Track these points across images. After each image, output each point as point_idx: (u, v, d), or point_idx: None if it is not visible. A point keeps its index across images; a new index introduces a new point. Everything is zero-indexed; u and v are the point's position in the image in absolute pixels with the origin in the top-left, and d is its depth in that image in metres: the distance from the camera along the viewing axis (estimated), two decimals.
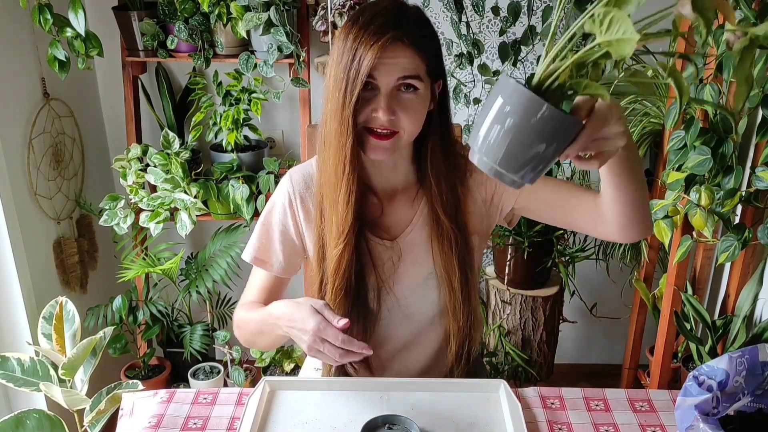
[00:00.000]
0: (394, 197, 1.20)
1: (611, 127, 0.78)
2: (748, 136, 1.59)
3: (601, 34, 0.64)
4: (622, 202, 1.02)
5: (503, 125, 0.71)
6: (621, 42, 0.63)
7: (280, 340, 1.16)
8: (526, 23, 1.85)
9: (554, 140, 0.71)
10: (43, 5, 1.70)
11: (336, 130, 1.07)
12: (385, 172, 1.19)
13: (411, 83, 1.05)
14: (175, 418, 1.11)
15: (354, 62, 1.02)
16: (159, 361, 2.30)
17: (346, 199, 1.10)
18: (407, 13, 1.07)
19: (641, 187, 1.01)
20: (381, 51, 1.00)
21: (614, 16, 0.62)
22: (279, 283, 1.26)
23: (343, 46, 1.05)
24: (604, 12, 0.63)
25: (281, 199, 1.22)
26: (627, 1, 0.62)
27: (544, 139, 0.71)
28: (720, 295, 1.82)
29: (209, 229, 2.35)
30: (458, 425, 1.07)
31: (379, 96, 1.04)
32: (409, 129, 1.08)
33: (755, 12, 1.27)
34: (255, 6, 1.87)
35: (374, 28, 1.02)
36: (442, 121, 1.14)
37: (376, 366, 1.26)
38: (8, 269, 1.80)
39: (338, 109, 1.05)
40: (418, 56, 1.04)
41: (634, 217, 1.04)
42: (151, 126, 2.28)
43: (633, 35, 0.60)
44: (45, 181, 1.97)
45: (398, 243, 1.19)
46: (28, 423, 1.50)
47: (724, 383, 0.96)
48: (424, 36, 1.07)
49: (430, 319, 1.24)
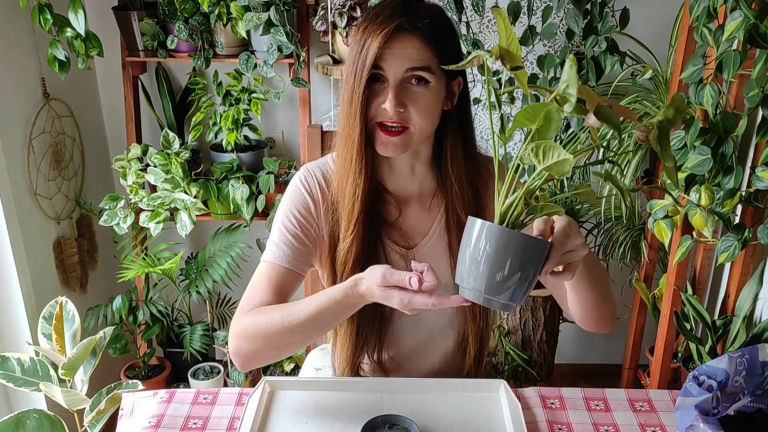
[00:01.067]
0: (410, 203, 1.19)
1: (574, 239, 0.85)
2: (748, 136, 1.59)
3: (540, 163, 0.74)
4: (580, 303, 1.07)
5: (482, 260, 0.79)
6: (559, 164, 0.73)
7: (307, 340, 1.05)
8: (526, 23, 1.85)
9: (530, 262, 0.80)
10: (43, 5, 1.70)
11: (345, 125, 1.07)
12: (402, 176, 1.17)
13: (421, 75, 1.03)
14: (175, 418, 1.11)
15: (361, 53, 1.02)
16: (159, 361, 2.30)
17: (352, 191, 1.09)
18: (420, 5, 1.06)
19: (601, 291, 1.06)
20: (386, 39, 1.00)
21: (545, 146, 0.73)
22: (290, 278, 1.12)
23: (354, 41, 1.05)
24: (536, 145, 0.74)
25: (301, 190, 1.17)
26: (547, 132, 0.73)
27: (522, 264, 0.79)
28: (720, 295, 1.82)
29: (209, 229, 2.35)
30: (458, 425, 1.07)
31: (388, 88, 1.03)
32: (420, 124, 1.05)
33: (755, 12, 1.27)
34: (255, 6, 1.87)
35: (382, 18, 1.02)
36: (462, 121, 1.12)
37: (390, 368, 1.25)
38: (8, 269, 1.80)
39: (348, 103, 1.05)
40: (428, 48, 1.02)
41: (590, 317, 1.10)
42: (151, 126, 2.28)
43: (566, 156, 0.72)
44: (45, 181, 1.97)
45: (414, 252, 1.18)
46: (28, 423, 1.50)
47: (724, 383, 0.96)
48: (437, 29, 1.04)
49: (441, 327, 1.23)
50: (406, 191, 1.19)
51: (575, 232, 0.85)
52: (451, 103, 1.10)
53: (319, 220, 1.17)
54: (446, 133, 1.12)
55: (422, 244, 1.19)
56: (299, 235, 1.14)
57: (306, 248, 1.15)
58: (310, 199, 1.17)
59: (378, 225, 1.15)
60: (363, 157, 1.07)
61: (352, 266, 1.12)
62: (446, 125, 1.11)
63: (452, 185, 1.13)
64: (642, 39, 1.93)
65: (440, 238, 1.19)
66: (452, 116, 1.11)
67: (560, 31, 2.01)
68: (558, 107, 0.73)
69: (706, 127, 1.45)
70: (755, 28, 1.29)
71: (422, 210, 1.19)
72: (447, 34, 1.07)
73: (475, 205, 1.15)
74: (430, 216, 1.19)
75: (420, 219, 1.19)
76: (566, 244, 0.84)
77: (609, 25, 1.72)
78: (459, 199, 1.14)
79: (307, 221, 1.16)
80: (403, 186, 1.18)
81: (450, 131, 1.12)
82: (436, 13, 1.07)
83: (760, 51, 1.33)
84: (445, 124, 1.11)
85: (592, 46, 1.75)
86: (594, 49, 1.76)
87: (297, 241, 1.14)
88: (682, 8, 1.70)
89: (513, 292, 0.80)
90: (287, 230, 1.15)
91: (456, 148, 1.12)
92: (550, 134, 0.74)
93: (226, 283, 2.15)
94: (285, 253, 1.13)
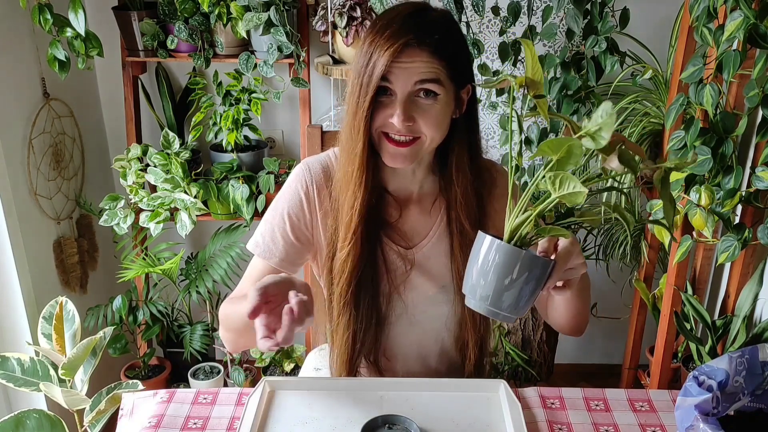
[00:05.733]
0: (409, 203, 1.19)
1: (575, 258, 0.89)
2: (748, 136, 1.59)
3: (555, 191, 0.79)
4: (566, 312, 1.13)
5: (490, 274, 0.85)
6: (573, 195, 0.78)
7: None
8: (526, 23, 1.85)
9: (534, 278, 0.85)
10: (43, 5, 1.70)
11: (349, 136, 1.06)
12: (403, 178, 1.17)
13: (430, 89, 1.02)
14: (175, 418, 1.11)
15: (368, 67, 1.01)
16: (159, 361, 2.30)
17: (351, 203, 1.09)
18: (428, 16, 1.04)
19: (585, 302, 1.14)
20: (394, 55, 0.98)
21: (563, 176, 0.78)
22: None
23: (360, 51, 1.04)
24: (554, 174, 0.78)
25: (297, 187, 1.17)
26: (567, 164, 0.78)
27: (527, 280, 0.84)
28: (720, 295, 1.82)
29: (209, 229, 2.35)
30: (458, 425, 1.07)
31: (396, 101, 1.02)
32: (431, 135, 1.05)
33: (755, 12, 1.27)
34: (255, 6, 1.87)
35: (389, 32, 1.00)
36: (469, 128, 1.11)
37: (385, 368, 1.25)
38: (8, 269, 1.80)
39: (352, 114, 1.04)
40: (437, 60, 1.01)
41: (569, 323, 1.17)
42: (151, 126, 2.28)
43: (582, 189, 0.77)
44: (45, 181, 1.97)
45: (413, 252, 1.18)
46: (28, 423, 1.50)
47: (724, 383, 0.96)
48: (446, 40, 1.03)
49: (437, 330, 1.23)
50: (406, 192, 1.19)
51: (577, 252, 0.90)
52: (459, 111, 1.09)
53: (315, 222, 1.18)
54: (452, 141, 1.10)
55: (421, 245, 1.19)
56: (288, 236, 1.16)
57: (295, 249, 1.17)
58: (305, 200, 1.16)
59: (378, 225, 1.14)
60: (365, 172, 1.07)
61: (348, 275, 1.12)
62: (453, 133, 1.10)
63: (456, 195, 1.13)
64: (642, 39, 1.93)
65: (440, 241, 1.18)
66: (460, 123, 1.10)
67: (560, 31, 2.01)
68: (580, 144, 0.76)
69: (706, 127, 1.45)
70: (755, 28, 1.29)
71: (422, 212, 1.19)
72: (456, 45, 1.06)
73: (478, 212, 1.15)
74: (430, 218, 1.19)
75: (420, 221, 1.19)
76: (568, 262, 0.89)
77: (609, 25, 1.72)
78: (462, 207, 1.13)
79: (300, 222, 1.17)
80: (403, 187, 1.18)
81: (456, 139, 1.10)
82: (445, 24, 1.05)
83: (760, 51, 1.33)
84: (452, 132, 1.09)
85: (592, 46, 1.75)
86: (594, 49, 1.76)
87: (286, 242, 1.16)
88: (682, 8, 1.70)
89: (516, 306, 0.86)
90: (278, 229, 1.16)
91: (462, 157, 1.11)
92: (568, 166, 0.78)
93: (226, 283, 2.15)
94: (273, 253, 1.15)
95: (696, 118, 1.45)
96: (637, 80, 1.80)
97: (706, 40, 1.39)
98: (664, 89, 1.86)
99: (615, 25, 1.75)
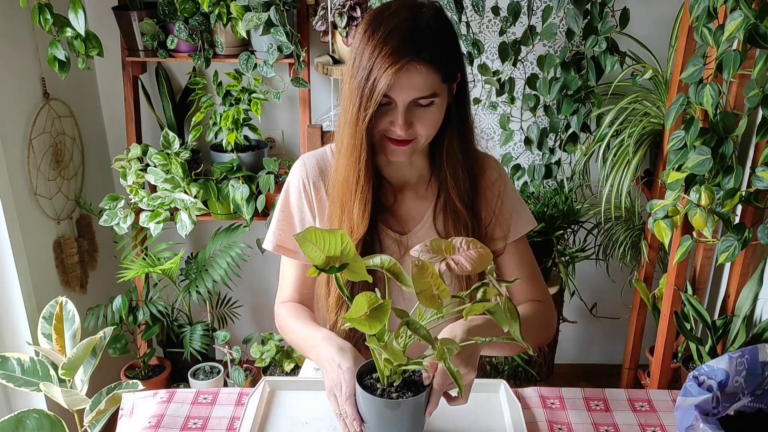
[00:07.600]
0: (405, 189, 1.21)
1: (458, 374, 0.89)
2: (748, 136, 1.59)
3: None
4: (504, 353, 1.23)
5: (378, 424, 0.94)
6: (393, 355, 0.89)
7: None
8: (526, 23, 1.85)
9: (413, 414, 0.94)
10: (43, 5, 1.70)
11: (349, 144, 1.08)
12: (399, 165, 1.19)
13: (428, 102, 1.05)
14: (175, 418, 1.11)
15: (369, 81, 1.02)
16: (159, 361, 2.30)
17: (361, 209, 1.12)
18: (426, 25, 1.04)
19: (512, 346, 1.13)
20: (396, 75, 1.00)
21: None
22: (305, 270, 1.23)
23: (359, 58, 1.04)
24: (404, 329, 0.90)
25: (295, 183, 1.22)
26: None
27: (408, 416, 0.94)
28: (720, 295, 1.82)
29: (209, 229, 2.35)
30: (458, 425, 1.07)
31: (396, 111, 1.05)
32: (427, 134, 1.09)
33: (755, 12, 1.27)
34: (255, 6, 1.87)
35: (390, 48, 1.00)
36: (460, 113, 1.14)
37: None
38: (8, 269, 1.80)
39: (352, 124, 1.06)
40: (435, 73, 1.03)
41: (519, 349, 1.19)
42: (151, 126, 2.28)
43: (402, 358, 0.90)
44: (45, 181, 1.97)
45: (408, 238, 1.20)
46: (28, 423, 1.50)
47: (724, 383, 0.96)
48: (443, 47, 1.05)
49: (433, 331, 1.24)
50: (402, 178, 1.21)
51: (459, 363, 0.95)
52: (450, 98, 1.11)
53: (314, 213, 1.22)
54: (445, 125, 1.13)
55: (416, 230, 1.20)
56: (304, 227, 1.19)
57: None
58: (303, 193, 1.21)
59: (375, 211, 1.16)
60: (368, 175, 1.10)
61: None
62: (445, 117, 1.12)
63: (447, 176, 1.15)
64: (642, 39, 1.93)
65: (434, 225, 1.20)
66: (451, 109, 1.12)
67: (560, 31, 2.01)
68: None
69: (706, 127, 1.45)
70: (755, 28, 1.29)
71: (417, 196, 1.21)
72: (450, 49, 1.08)
73: (471, 193, 1.17)
74: (424, 202, 1.21)
75: (415, 205, 1.21)
76: (445, 384, 0.94)
77: (609, 25, 1.72)
78: (453, 188, 1.16)
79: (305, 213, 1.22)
80: (400, 173, 1.21)
81: (448, 123, 1.13)
82: (440, 31, 1.06)
83: (760, 51, 1.33)
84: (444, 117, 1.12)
85: (592, 46, 1.75)
86: (594, 49, 1.76)
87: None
88: (682, 8, 1.70)
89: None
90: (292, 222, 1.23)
91: (453, 140, 1.14)
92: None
93: (226, 283, 2.15)
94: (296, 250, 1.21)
95: (696, 118, 1.45)
96: (637, 80, 1.80)
97: (706, 40, 1.39)
98: (664, 89, 1.86)
99: (615, 25, 1.75)
